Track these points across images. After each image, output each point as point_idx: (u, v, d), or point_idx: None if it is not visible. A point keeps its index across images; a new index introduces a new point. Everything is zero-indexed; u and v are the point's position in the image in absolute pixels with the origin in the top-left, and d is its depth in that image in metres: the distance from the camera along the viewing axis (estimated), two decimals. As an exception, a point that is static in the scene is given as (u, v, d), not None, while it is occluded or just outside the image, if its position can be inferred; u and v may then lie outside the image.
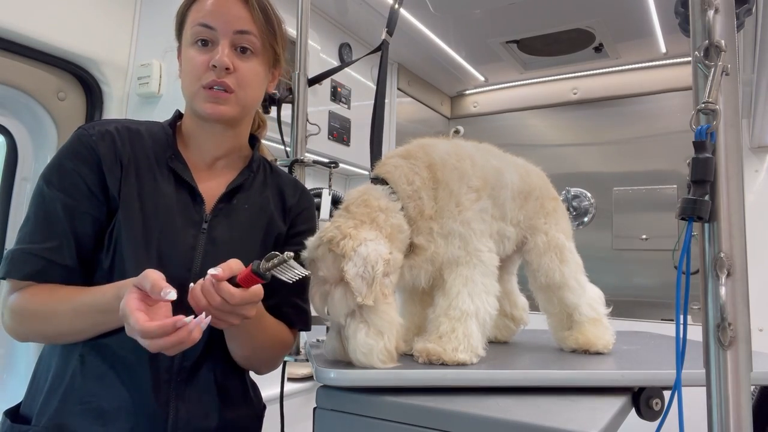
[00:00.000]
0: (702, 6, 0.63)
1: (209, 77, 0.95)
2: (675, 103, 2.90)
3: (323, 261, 0.83)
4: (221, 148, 1.04)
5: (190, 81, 0.97)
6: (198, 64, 0.96)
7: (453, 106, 3.60)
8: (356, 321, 0.82)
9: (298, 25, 1.17)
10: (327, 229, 0.84)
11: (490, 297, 0.92)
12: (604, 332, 1.05)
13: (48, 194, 0.91)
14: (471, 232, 0.91)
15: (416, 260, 0.91)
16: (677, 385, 0.62)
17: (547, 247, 1.07)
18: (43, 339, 0.94)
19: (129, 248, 0.90)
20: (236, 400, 1.01)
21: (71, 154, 0.93)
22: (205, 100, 0.96)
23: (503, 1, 2.31)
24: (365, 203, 0.87)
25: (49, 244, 0.89)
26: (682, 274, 0.60)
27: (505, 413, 0.71)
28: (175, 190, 0.98)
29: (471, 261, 0.91)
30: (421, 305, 0.99)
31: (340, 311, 0.82)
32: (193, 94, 0.97)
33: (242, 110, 1.00)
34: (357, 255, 0.80)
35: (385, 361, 0.82)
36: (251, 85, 0.99)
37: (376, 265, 0.80)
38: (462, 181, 0.93)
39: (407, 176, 0.92)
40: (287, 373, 1.35)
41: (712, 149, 0.61)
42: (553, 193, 1.15)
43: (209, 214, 0.99)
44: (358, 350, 0.81)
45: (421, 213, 0.91)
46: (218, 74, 0.95)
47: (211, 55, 0.95)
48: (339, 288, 0.82)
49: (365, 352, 0.81)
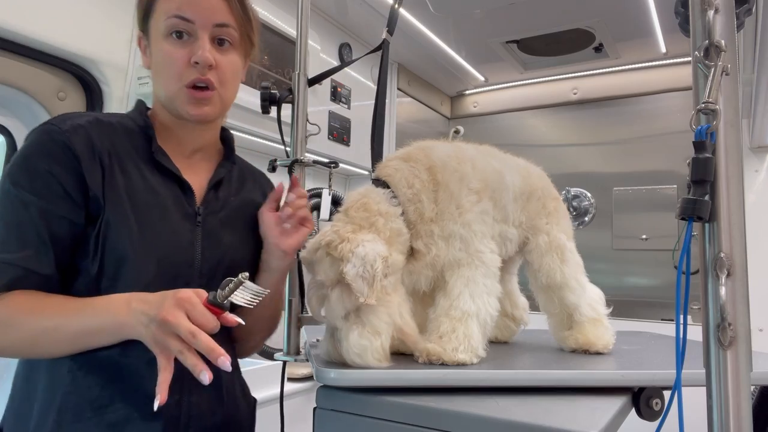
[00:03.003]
0: (702, 6, 0.63)
1: (191, 75, 0.91)
2: (675, 103, 2.90)
3: (321, 264, 0.83)
4: (200, 141, 1.01)
5: (169, 78, 0.92)
6: (176, 59, 0.90)
7: (453, 106, 3.60)
8: (349, 323, 0.82)
9: (298, 25, 1.17)
10: (325, 233, 0.84)
11: (491, 298, 0.92)
12: (604, 332, 1.05)
13: (19, 197, 0.83)
14: (472, 234, 0.91)
15: (416, 266, 0.91)
16: (677, 385, 0.62)
17: (548, 247, 1.07)
18: (20, 354, 0.87)
19: (125, 249, 0.86)
20: (236, 394, 1.02)
21: (42, 153, 0.84)
22: (187, 102, 0.92)
23: (503, 1, 2.31)
24: (365, 207, 0.87)
25: (24, 252, 0.82)
26: (682, 274, 0.60)
27: (505, 413, 0.71)
28: (163, 184, 0.93)
29: (473, 262, 0.91)
30: (422, 305, 0.99)
31: (337, 314, 0.83)
32: (174, 93, 0.92)
33: (223, 108, 0.97)
34: (355, 256, 0.80)
35: (381, 360, 0.82)
36: (232, 81, 0.96)
37: (374, 263, 0.80)
38: (462, 183, 0.93)
39: (408, 179, 0.92)
40: (287, 373, 1.35)
41: (712, 149, 0.61)
42: (554, 194, 1.15)
43: (200, 206, 0.96)
44: (351, 351, 0.81)
45: (421, 216, 0.91)
46: (201, 71, 0.91)
47: (190, 50, 0.90)
48: (336, 290, 0.82)
49: (359, 353, 0.81)
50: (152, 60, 0.95)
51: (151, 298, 0.78)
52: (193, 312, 0.73)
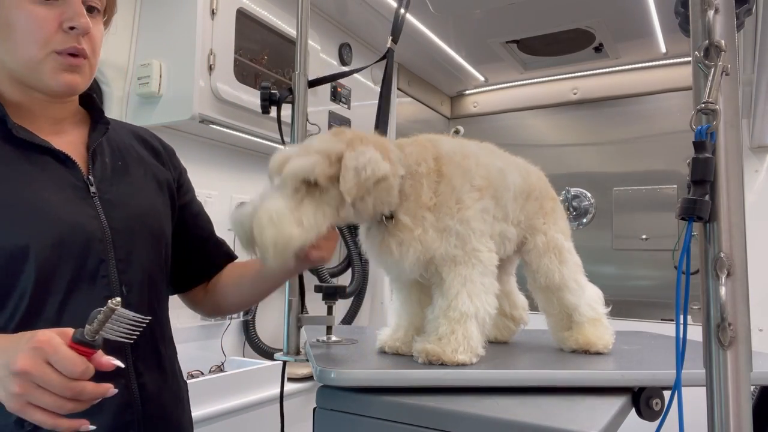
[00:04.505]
0: (702, 6, 0.63)
1: (65, 42, 0.80)
2: (675, 103, 2.90)
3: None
4: (64, 112, 0.91)
5: (31, 44, 0.79)
6: (44, 21, 0.78)
7: (453, 106, 3.60)
8: (284, 198, 0.78)
9: (298, 25, 1.17)
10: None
11: (489, 296, 0.91)
12: (603, 332, 1.05)
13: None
14: (470, 232, 0.91)
15: (405, 236, 0.89)
16: (677, 385, 0.62)
17: (546, 247, 1.07)
18: None
19: (15, 241, 0.75)
20: (176, 371, 1.00)
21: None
22: (59, 69, 0.81)
23: (503, 1, 2.31)
24: (382, 143, 0.87)
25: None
26: (682, 274, 0.60)
27: (505, 413, 0.71)
28: (32, 164, 0.81)
29: (470, 261, 0.91)
30: (419, 305, 0.99)
31: (288, 191, 0.78)
32: (39, 60, 0.80)
33: (91, 78, 0.89)
34: (361, 152, 0.80)
35: (294, 236, 0.75)
36: (99, 49, 0.89)
37: (376, 168, 0.79)
38: (465, 179, 0.93)
39: (417, 157, 0.92)
40: (287, 373, 1.35)
41: (712, 149, 0.61)
42: (552, 193, 1.15)
43: (89, 176, 0.87)
44: (268, 212, 0.75)
45: (416, 197, 0.90)
46: (76, 39, 0.81)
47: (60, 12, 0.80)
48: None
49: (276, 217, 0.74)
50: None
51: (4, 344, 0.66)
52: (54, 357, 0.61)
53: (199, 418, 1.62)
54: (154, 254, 0.94)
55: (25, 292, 0.77)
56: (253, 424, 1.82)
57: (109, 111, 1.88)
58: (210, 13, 1.85)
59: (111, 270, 0.85)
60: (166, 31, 1.89)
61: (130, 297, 0.87)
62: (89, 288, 0.83)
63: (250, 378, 1.87)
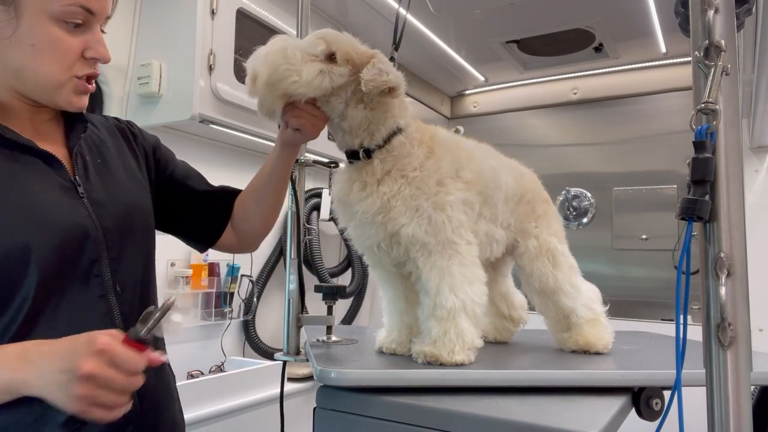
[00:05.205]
0: (702, 6, 0.63)
1: (84, 69, 0.85)
2: (675, 103, 2.90)
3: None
4: (48, 115, 0.92)
5: (55, 66, 0.83)
6: (69, 50, 0.83)
7: (453, 106, 3.60)
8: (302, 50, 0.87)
9: (298, 25, 1.17)
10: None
11: (473, 286, 0.89)
12: (603, 332, 1.05)
13: None
14: (445, 220, 0.89)
15: (369, 182, 0.91)
16: (677, 385, 0.62)
17: (538, 251, 1.06)
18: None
19: (14, 242, 0.76)
20: (167, 364, 1.00)
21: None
22: (75, 92, 0.86)
23: (503, 1, 2.31)
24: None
25: None
26: (682, 274, 0.60)
27: (505, 413, 0.71)
28: (22, 166, 0.82)
29: (445, 252, 0.89)
30: (407, 302, 0.99)
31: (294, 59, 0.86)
32: (60, 83, 0.84)
33: None
34: (389, 64, 0.89)
35: (287, 77, 0.85)
36: None
37: (397, 76, 0.88)
38: (453, 166, 0.93)
39: (418, 129, 0.95)
40: (287, 373, 1.35)
41: (712, 149, 0.61)
42: (544, 196, 1.14)
43: (74, 176, 0.87)
44: (273, 51, 0.85)
45: (401, 157, 0.91)
46: (95, 66, 0.87)
47: (82, 41, 0.84)
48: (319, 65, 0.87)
49: (279, 58, 0.84)
50: (22, 37, 0.81)
51: (56, 349, 0.70)
52: (118, 359, 0.67)
53: (200, 417, 1.62)
54: (144, 251, 0.95)
55: (28, 294, 0.77)
56: (253, 423, 1.82)
57: (109, 111, 1.88)
58: (210, 13, 1.85)
59: (104, 270, 0.85)
60: (166, 31, 1.89)
61: (124, 295, 0.87)
62: (82, 288, 0.83)
63: (250, 378, 1.88)
